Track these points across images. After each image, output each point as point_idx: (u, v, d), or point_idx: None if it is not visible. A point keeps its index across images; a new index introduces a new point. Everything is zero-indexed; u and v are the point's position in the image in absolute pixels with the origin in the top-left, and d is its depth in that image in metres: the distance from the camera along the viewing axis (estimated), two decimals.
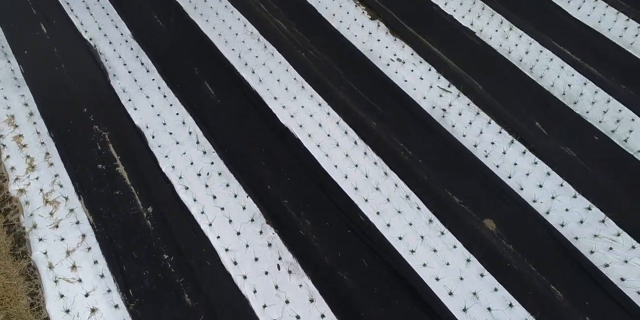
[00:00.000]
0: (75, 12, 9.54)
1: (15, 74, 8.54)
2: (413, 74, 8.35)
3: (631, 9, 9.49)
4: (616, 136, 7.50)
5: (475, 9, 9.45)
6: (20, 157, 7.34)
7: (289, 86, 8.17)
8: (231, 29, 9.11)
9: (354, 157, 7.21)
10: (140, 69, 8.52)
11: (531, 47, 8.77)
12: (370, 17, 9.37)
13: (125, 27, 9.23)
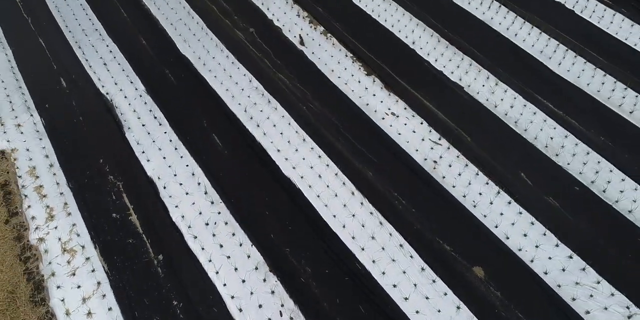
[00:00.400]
0: (94, 68, 10.30)
1: (37, 127, 9.20)
2: (406, 128, 8.99)
3: (608, 64, 10.24)
4: (595, 187, 8.04)
5: (463, 65, 10.21)
6: (40, 207, 7.88)
7: (291, 139, 8.80)
8: (237, 85, 9.83)
9: (351, 207, 7.74)
10: (153, 122, 9.18)
11: (516, 101, 9.46)
12: (366, 73, 10.12)
13: (139, 82, 9.96)
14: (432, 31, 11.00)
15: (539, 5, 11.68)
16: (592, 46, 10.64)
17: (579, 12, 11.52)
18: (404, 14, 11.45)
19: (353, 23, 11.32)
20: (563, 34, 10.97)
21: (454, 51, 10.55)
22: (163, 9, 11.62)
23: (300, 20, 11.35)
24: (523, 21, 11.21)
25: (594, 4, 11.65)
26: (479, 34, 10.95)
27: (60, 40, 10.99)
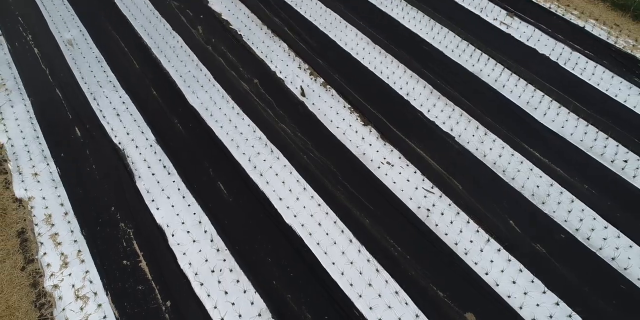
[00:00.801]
0: (107, 118, 10.97)
1: (53, 175, 9.76)
2: (401, 176, 9.55)
3: (591, 114, 10.91)
4: (580, 234, 8.52)
5: (454, 116, 10.88)
6: (55, 254, 8.34)
7: (292, 188, 9.35)
8: (242, 135, 10.47)
9: (349, 255, 8.20)
10: (162, 171, 9.75)
11: (504, 151, 10.06)
12: (363, 123, 10.77)
13: (150, 133, 10.60)
14: (424, 83, 11.73)
15: (524, 57, 12.46)
16: (576, 97, 11.35)
17: (562, 64, 12.29)
18: (399, 66, 12.23)
19: (351, 74, 12.07)
20: (548, 85, 11.71)
21: (446, 102, 11.24)
22: (173, 62, 12.41)
23: (302, 72, 12.11)
24: (510, 73, 11.97)
25: (577, 56, 12.46)
26: (469, 86, 11.67)
27: (76, 91, 11.69)
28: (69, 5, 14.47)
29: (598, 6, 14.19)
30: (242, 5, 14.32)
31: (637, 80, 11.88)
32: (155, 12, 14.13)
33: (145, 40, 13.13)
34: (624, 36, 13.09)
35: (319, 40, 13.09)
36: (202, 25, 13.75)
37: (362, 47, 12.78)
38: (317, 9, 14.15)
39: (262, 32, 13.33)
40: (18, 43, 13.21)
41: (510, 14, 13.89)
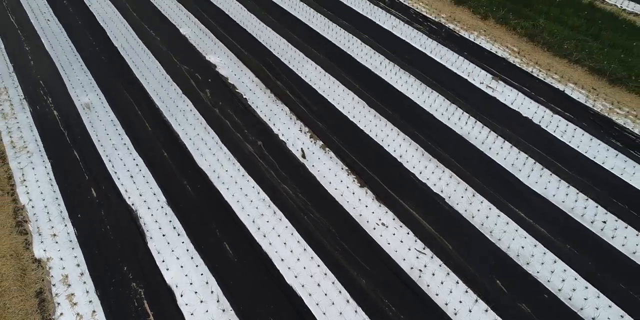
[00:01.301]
0: (121, 180, 11.79)
1: (70, 236, 10.47)
2: (395, 237, 10.25)
3: (572, 175, 11.74)
4: (562, 294, 9.13)
5: (444, 177, 11.70)
6: (71, 315, 8.92)
7: (294, 248, 10.03)
8: (247, 196, 11.25)
9: (347, 315, 8.78)
10: (172, 233, 10.47)
11: (491, 212, 10.80)
12: (360, 185, 11.58)
13: (161, 194, 11.39)
14: (417, 145, 12.64)
15: (509, 120, 13.44)
16: (557, 159, 12.23)
17: (544, 126, 13.26)
18: (392, 129, 13.18)
19: (348, 137, 13.00)
20: (532, 147, 12.61)
21: (436, 164, 12.10)
22: (183, 125, 13.38)
23: (302, 134, 13.05)
24: (496, 135, 12.90)
25: (558, 119, 13.44)
26: (458, 148, 12.57)
27: (92, 154, 12.57)
28: (87, 70, 15.62)
29: (577, 70, 15.33)
30: (247, 70, 15.48)
31: (613, 142, 12.79)
32: (167, 76, 15.26)
33: (157, 103, 14.16)
34: (601, 99, 14.13)
35: (318, 103, 14.12)
36: (210, 88, 14.84)
37: (358, 111, 13.79)
38: (316, 73, 15.29)
39: (266, 96, 14.39)
40: (39, 106, 14.24)
41: (496, 77, 15.01)
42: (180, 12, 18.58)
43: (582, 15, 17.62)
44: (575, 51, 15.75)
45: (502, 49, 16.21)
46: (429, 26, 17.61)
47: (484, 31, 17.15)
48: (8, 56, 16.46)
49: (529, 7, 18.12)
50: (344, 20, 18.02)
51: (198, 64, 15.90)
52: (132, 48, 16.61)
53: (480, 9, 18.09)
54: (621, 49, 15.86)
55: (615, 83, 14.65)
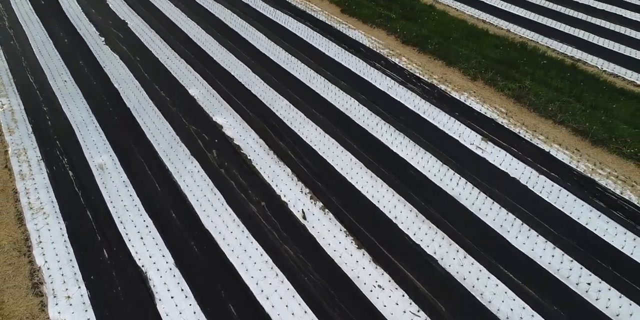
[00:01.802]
0: (132, 241, 12.50)
1: (84, 298, 11.08)
2: (390, 300, 10.86)
3: (558, 236, 12.44)
4: None
5: (437, 239, 12.41)
6: None
7: (295, 311, 10.62)
8: (251, 258, 11.93)
9: None
10: (180, 295, 11.08)
11: (481, 274, 11.45)
12: (357, 247, 12.28)
13: (169, 256, 12.07)
14: (411, 206, 13.42)
15: (497, 181, 14.27)
16: (544, 219, 12.97)
17: (531, 187, 14.07)
18: (388, 190, 13.99)
19: (346, 198, 13.80)
20: (519, 207, 13.38)
21: (429, 225, 12.83)
22: (191, 186, 14.21)
23: (303, 195, 13.86)
24: (485, 196, 13.69)
25: (544, 179, 14.28)
26: (450, 209, 13.34)
27: (105, 215, 13.33)
28: (101, 131, 16.64)
29: (561, 131, 16.33)
30: (251, 131, 16.49)
31: (596, 202, 13.57)
32: (176, 137, 16.25)
33: (167, 164, 15.06)
34: (584, 160, 15.03)
35: (318, 164, 15.01)
36: (216, 149, 15.79)
37: (356, 172, 14.66)
38: (316, 134, 16.29)
39: (269, 157, 15.31)
40: (55, 167, 15.14)
41: (485, 138, 15.99)
42: (189, 73, 19.84)
43: (565, 77, 18.81)
44: (559, 112, 16.81)
45: (491, 110, 17.28)
46: (422, 87, 18.80)
47: (474, 92, 18.31)
48: (27, 116, 17.51)
49: (515, 69, 19.36)
50: (342, 81, 19.22)
51: (205, 124, 16.93)
52: (144, 109, 17.71)
53: (470, 71, 19.33)
54: (602, 110, 16.92)
55: (597, 144, 15.59)
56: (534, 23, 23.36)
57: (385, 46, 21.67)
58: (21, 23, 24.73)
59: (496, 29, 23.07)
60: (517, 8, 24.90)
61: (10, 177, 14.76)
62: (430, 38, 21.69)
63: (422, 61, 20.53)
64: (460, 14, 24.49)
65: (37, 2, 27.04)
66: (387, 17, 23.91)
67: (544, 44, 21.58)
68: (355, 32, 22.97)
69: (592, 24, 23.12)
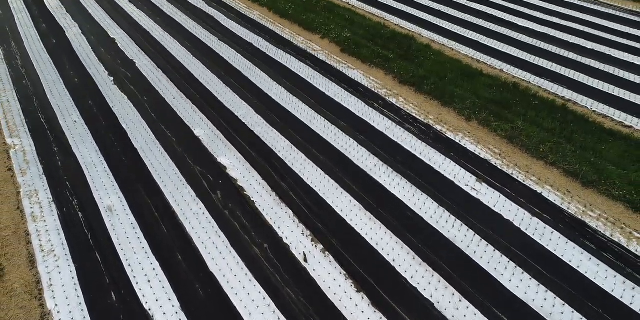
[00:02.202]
0: (140, 284, 12.98)
1: None
2: None
3: (551, 279, 12.89)
4: None
5: (433, 282, 12.88)
6: None
7: None
8: (254, 302, 12.39)
9: None
10: None
11: (476, 317, 11.88)
12: (357, 290, 12.74)
13: (175, 299, 12.53)
14: (408, 249, 13.93)
15: (492, 223, 14.80)
16: (537, 262, 13.45)
17: (524, 229, 14.60)
18: (386, 232, 14.53)
19: (346, 240, 14.32)
20: (513, 249, 13.88)
21: (426, 268, 13.32)
22: (196, 228, 14.76)
23: (304, 238, 14.39)
24: (480, 239, 14.21)
25: (536, 222, 14.82)
26: (446, 251, 13.84)
27: (113, 257, 13.85)
28: (110, 172, 17.30)
29: (553, 172, 16.96)
30: (254, 172, 17.13)
31: (588, 245, 14.08)
32: (182, 178, 16.89)
33: (173, 206, 15.65)
34: (575, 202, 15.60)
35: (319, 206, 15.59)
36: (220, 190, 16.40)
37: (355, 214, 15.23)
38: (317, 175, 16.93)
39: (271, 199, 15.91)
40: (66, 208, 15.73)
41: (479, 179, 16.60)
42: (194, 114, 20.64)
43: (556, 117, 19.56)
44: (550, 153, 17.48)
45: (485, 151, 17.96)
46: (418, 127, 19.54)
47: (468, 133, 19.03)
48: (38, 157, 18.21)
49: (508, 110, 20.14)
50: (342, 121, 19.98)
51: (210, 165, 17.60)
52: (151, 149, 18.41)
53: (465, 111, 20.11)
54: (592, 151, 17.59)
55: (588, 186, 16.19)
56: (527, 63, 24.29)
57: (383, 86, 22.55)
58: (33, 62, 25.70)
59: (490, 68, 23.97)
60: (511, 48, 25.89)
61: (22, 219, 15.33)
62: (427, 78, 22.56)
63: (418, 101, 21.35)
64: (456, 54, 25.45)
65: (49, 41, 28.12)
66: (385, 57, 24.84)
67: (535, 84, 22.43)
68: (355, 71, 23.88)
69: (582, 64, 24.04)
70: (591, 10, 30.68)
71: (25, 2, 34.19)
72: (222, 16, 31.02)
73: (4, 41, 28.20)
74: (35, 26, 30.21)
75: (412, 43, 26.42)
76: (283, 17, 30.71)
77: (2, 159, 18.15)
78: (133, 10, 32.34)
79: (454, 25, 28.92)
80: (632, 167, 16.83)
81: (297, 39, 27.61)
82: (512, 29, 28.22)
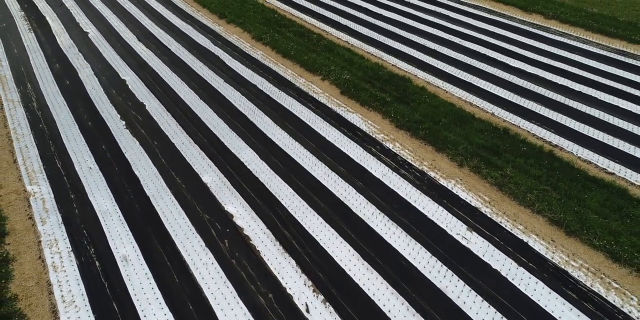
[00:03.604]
0: None
1: None
2: None
3: None
4: None
5: None
6: None
7: None
8: None
9: None
10: None
11: None
12: None
13: None
14: (403, 299, 15.03)
15: (481, 272, 15.90)
16: (522, 312, 14.52)
17: (510, 279, 15.70)
18: (382, 282, 15.65)
19: (345, 290, 15.43)
20: (500, 299, 14.96)
21: (419, 319, 14.41)
22: (206, 279, 15.90)
23: (306, 288, 15.52)
24: (469, 289, 15.31)
25: (522, 271, 15.93)
26: (438, 302, 14.93)
27: (129, 308, 14.96)
28: (124, 221, 18.51)
29: (539, 221, 18.12)
30: (259, 221, 18.33)
31: (569, 295, 15.17)
32: (192, 227, 18.09)
33: (184, 256, 16.81)
34: (559, 251, 16.73)
35: (320, 255, 16.74)
36: (228, 239, 17.58)
37: (354, 264, 16.38)
38: (318, 224, 18.11)
39: (275, 248, 17.08)
40: (84, 258, 16.90)
41: (470, 228, 17.76)
42: (202, 160, 21.92)
43: (543, 164, 20.77)
44: (537, 202, 18.66)
45: (476, 199, 19.15)
46: (413, 173, 20.77)
47: (460, 180, 20.24)
48: (57, 205, 19.44)
49: (498, 156, 21.38)
50: (341, 167, 21.23)
51: (217, 213, 18.80)
52: (162, 197, 19.65)
53: (457, 158, 21.36)
54: (576, 199, 18.76)
55: (571, 235, 17.34)
56: (517, 106, 25.58)
57: (380, 130, 23.85)
58: (49, 105, 27.11)
59: (482, 112, 25.28)
60: (502, 90, 27.24)
61: (44, 268, 16.50)
62: (422, 123, 23.86)
63: (413, 146, 22.62)
64: (450, 97, 26.80)
65: (63, 82, 29.57)
66: (383, 99, 26.19)
67: (525, 128, 23.69)
68: (354, 115, 25.22)
69: (569, 107, 25.34)
70: (581, 50, 32.09)
71: (38, 40, 35.76)
72: (227, 56, 32.51)
73: (20, 83, 29.64)
74: (50, 66, 31.68)
75: (408, 85, 27.80)
76: (285, 57, 32.16)
77: (23, 207, 19.38)
78: (142, 49, 33.86)
79: (448, 65, 30.33)
80: (612, 216, 17.97)
81: (299, 81, 29.03)
82: (504, 70, 29.60)
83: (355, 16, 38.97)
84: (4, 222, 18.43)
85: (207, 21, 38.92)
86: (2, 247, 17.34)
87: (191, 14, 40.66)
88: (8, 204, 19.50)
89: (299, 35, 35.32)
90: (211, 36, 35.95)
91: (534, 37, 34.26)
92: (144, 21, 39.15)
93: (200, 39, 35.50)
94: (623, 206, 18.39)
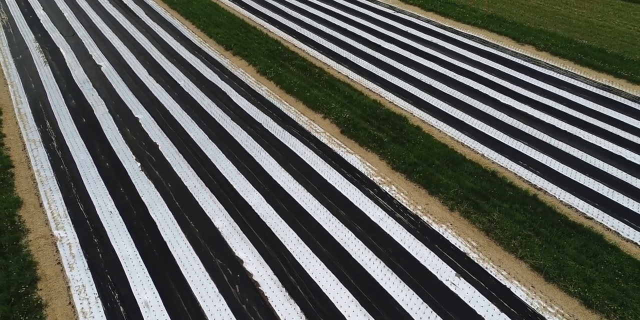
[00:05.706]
0: None
1: None
2: None
3: None
4: None
5: None
6: None
7: None
8: None
9: None
10: None
11: None
12: None
13: None
14: None
15: (466, 317, 17.73)
16: None
17: None
18: None
19: None
20: None
21: None
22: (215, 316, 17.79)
23: None
24: None
25: (504, 317, 17.75)
26: None
27: None
28: (144, 266, 20.36)
29: (521, 266, 19.93)
30: (267, 267, 20.19)
31: None
32: (205, 272, 19.94)
33: (200, 302, 18.68)
34: (537, 297, 18.56)
35: (322, 301, 18.56)
36: (239, 285, 19.44)
37: (352, 310, 18.22)
38: (320, 269, 19.96)
39: (282, 294, 18.94)
40: (109, 303, 18.79)
41: (458, 274, 19.60)
42: (213, 204, 23.80)
43: (527, 208, 22.59)
44: (520, 248, 20.48)
45: (464, 244, 20.99)
46: (408, 217, 22.61)
47: (451, 224, 22.09)
48: (82, 250, 21.33)
49: (486, 200, 23.21)
50: (342, 211, 23.08)
51: (229, 259, 20.67)
52: (178, 242, 21.52)
53: (449, 202, 23.20)
54: (555, 245, 20.58)
55: (550, 281, 19.16)
56: (506, 147, 27.41)
57: (377, 173, 25.71)
58: (68, 145, 28.99)
59: (473, 153, 27.13)
60: (492, 129, 29.08)
61: (74, 314, 18.38)
62: (416, 165, 25.71)
63: (408, 189, 24.47)
64: (443, 137, 28.66)
65: (80, 120, 31.45)
66: (380, 140, 28.04)
67: (512, 170, 25.53)
68: (353, 156, 27.09)
69: (554, 148, 27.17)
70: (568, 85, 33.90)
71: (54, 74, 37.66)
72: (233, 92, 34.40)
73: (40, 121, 31.55)
74: (66, 102, 33.54)
75: (405, 124, 29.66)
76: (289, 93, 34.03)
77: (51, 252, 21.26)
78: (153, 84, 35.75)
79: (442, 102, 32.19)
80: (588, 262, 19.79)
81: (301, 119, 30.91)
82: (495, 107, 31.45)
83: (354, 47, 40.85)
84: (36, 268, 20.30)
85: (213, 53, 40.82)
86: (35, 292, 19.22)
87: (198, 45, 42.56)
88: (38, 249, 21.38)
89: (302, 69, 37.20)
90: (218, 70, 37.85)
91: (524, 71, 36.11)
92: (153, 53, 41.05)
93: (207, 73, 37.39)
94: (598, 252, 20.19)
